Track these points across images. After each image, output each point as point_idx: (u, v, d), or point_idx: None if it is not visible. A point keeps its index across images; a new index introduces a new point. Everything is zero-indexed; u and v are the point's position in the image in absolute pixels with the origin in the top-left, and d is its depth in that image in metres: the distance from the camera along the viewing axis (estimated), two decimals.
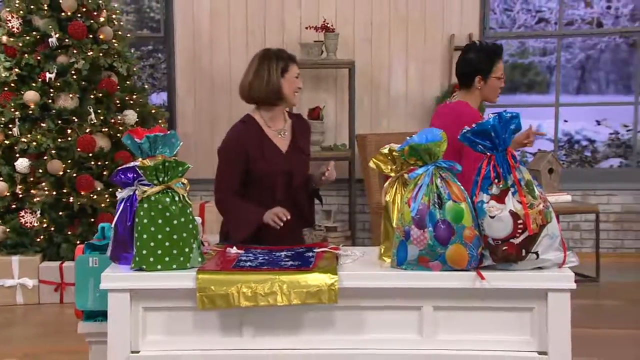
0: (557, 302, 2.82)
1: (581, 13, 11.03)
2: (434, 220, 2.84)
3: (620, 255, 7.63)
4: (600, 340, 5.38)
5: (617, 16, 10.90)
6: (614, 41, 12.04)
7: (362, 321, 2.90)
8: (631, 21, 10.54)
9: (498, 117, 2.89)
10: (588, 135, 11.65)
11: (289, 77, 3.94)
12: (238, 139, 3.98)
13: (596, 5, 11.01)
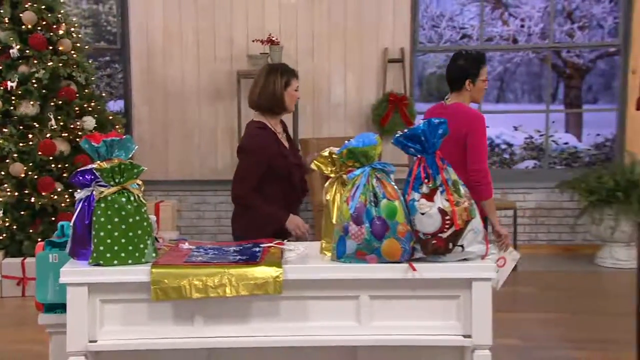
0: (480, 290, 2.84)
1: (499, 30, 11.21)
2: (370, 217, 2.84)
3: (535, 246, 7.76)
4: (518, 323, 5.46)
5: (530, 34, 11.12)
6: (528, 56, 12.27)
7: (304, 310, 2.88)
8: (541, 38, 10.72)
9: (427, 123, 2.91)
10: (506, 140, 11.84)
11: (290, 90, 4.20)
12: (262, 144, 4.15)
13: (512, 24, 11.21)
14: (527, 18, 11.14)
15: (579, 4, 10.96)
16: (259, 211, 4.15)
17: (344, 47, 7.91)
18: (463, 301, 2.86)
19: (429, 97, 12.58)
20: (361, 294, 2.87)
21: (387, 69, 7.81)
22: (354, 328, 2.87)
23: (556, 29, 10.28)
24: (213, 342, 2.87)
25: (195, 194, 8.01)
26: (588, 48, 12.59)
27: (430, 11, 11.20)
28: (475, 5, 11.02)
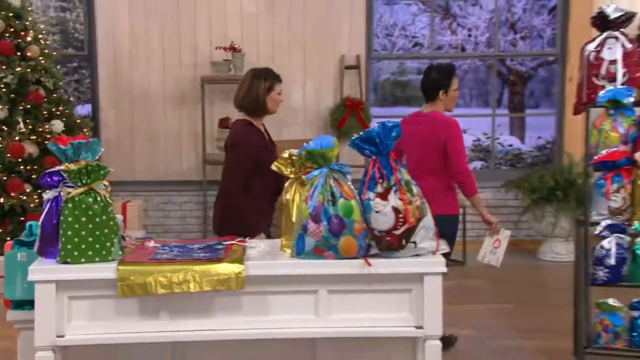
0: (431, 283, 2.85)
1: (448, 39, 11.31)
2: (328, 215, 2.83)
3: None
4: (467, 314, 5.51)
5: (477, 43, 11.23)
6: (475, 63, 12.39)
7: (266, 304, 2.86)
8: (487, 47, 10.84)
9: (382, 126, 2.91)
10: None
11: (272, 95, 4.30)
12: (249, 139, 4.21)
13: (460, 34, 11.31)
14: (474, 28, 11.26)
15: (521, 15, 11.11)
16: (240, 213, 4.13)
17: (303, 54, 7.90)
18: (415, 294, 2.86)
19: (384, 102, 12.65)
20: (320, 289, 2.85)
21: (344, 75, 7.81)
22: (313, 321, 2.86)
23: (501, 39, 10.39)
24: (178, 336, 2.83)
25: (161, 194, 7.94)
26: (529, 57, 12.76)
27: (384, 21, 11.25)
28: (426, 15, 11.10)
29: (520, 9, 11.07)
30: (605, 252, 4.23)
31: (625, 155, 4.27)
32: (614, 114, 4.30)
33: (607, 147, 4.31)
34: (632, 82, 4.33)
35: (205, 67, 7.69)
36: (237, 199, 4.19)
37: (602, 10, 4.42)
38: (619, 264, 4.21)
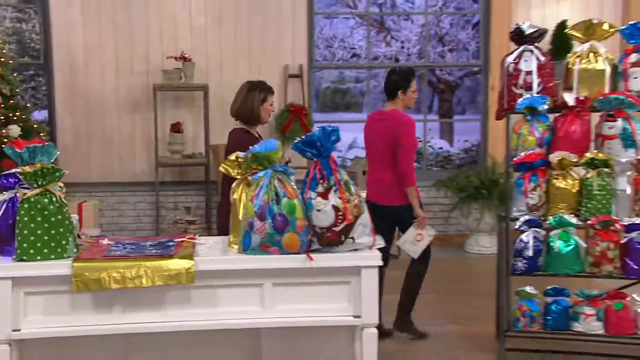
0: (368, 276, 2.86)
1: (383, 51, 11.38)
2: (273, 213, 2.82)
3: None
4: None
5: (409, 54, 11.34)
6: None
7: (214, 297, 2.84)
8: (418, 58, 10.96)
9: (322, 130, 2.91)
10: None
11: (266, 105, 4.36)
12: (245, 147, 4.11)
13: (394, 46, 11.40)
14: (406, 41, 11.36)
15: (448, 30, 11.27)
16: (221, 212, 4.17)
17: (249, 63, 7.85)
18: (354, 286, 2.87)
19: (325, 108, 12.67)
20: (265, 282, 2.84)
21: (287, 83, 7.80)
22: (258, 312, 2.85)
23: (430, 51, 10.51)
24: (130, 328, 2.79)
25: (116, 194, 7.80)
26: (456, 67, 12.94)
27: (325, 33, 11.27)
28: (363, 29, 11.16)
29: (448, 24, 11.22)
30: (523, 244, 4.31)
31: (540, 157, 4.35)
32: (531, 119, 4.38)
33: (525, 150, 4.39)
34: (546, 91, 4.41)
35: (157, 75, 7.58)
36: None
37: (518, 26, 4.50)
38: (535, 255, 4.30)
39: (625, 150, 4.24)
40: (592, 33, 4.39)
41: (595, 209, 4.24)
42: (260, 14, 7.79)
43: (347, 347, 2.99)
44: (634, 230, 4.17)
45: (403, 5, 11.34)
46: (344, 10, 11.24)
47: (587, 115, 4.35)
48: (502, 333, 4.39)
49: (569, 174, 4.31)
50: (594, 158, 4.24)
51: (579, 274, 4.30)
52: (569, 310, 4.34)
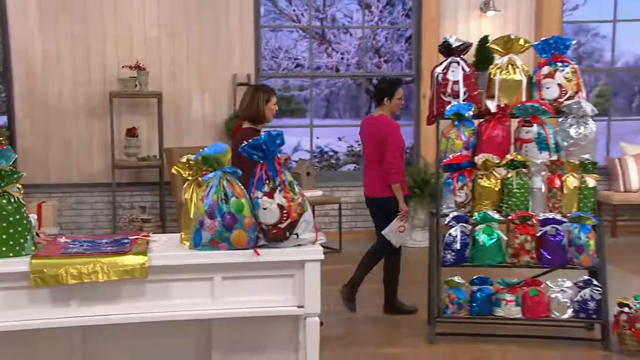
0: (311, 269, 2.86)
1: (325, 61, 11.40)
2: (222, 212, 2.80)
3: (355, 232, 7.92)
4: None
5: (348, 65, 11.38)
6: (347, 82, 12.57)
7: (167, 291, 2.79)
8: (357, 68, 11.02)
9: (267, 134, 2.90)
10: (333, 148, 12.03)
11: (270, 105, 4.39)
12: None
13: (334, 57, 11.43)
14: (346, 52, 11.41)
15: (383, 43, 11.37)
16: None
17: (200, 72, 7.78)
18: (298, 278, 2.87)
19: None
20: (215, 276, 2.82)
21: (236, 90, 7.75)
22: (208, 304, 2.82)
23: (368, 62, 10.57)
24: (87, 320, 2.73)
25: (74, 195, 7.62)
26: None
27: (270, 45, 11.23)
28: (306, 41, 11.16)
29: (383, 37, 11.32)
30: (452, 238, 4.39)
31: (467, 158, 4.44)
32: (458, 125, 4.46)
33: (453, 152, 4.47)
34: (471, 99, 4.50)
35: (113, 83, 7.44)
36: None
37: (446, 40, 4.57)
38: (462, 248, 4.38)
39: (540, 153, 4.36)
40: (510, 47, 4.49)
41: (515, 206, 4.34)
42: (210, 27, 7.73)
43: (291, 335, 2.99)
44: (547, 224, 4.29)
45: (342, 19, 11.40)
46: (288, 24, 11.23)
47: (507, 121, 4.45)
48: (433, 319, 4.46)
49: (492, 174, 4.41)
50: (513, 159, 4.34)
51: (501, 264, 4.40)
52: (492, 297, 4.43)
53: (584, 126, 4.31)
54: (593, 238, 4.26)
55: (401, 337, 4.55)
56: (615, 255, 6.01)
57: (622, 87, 13.15)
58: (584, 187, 4.32)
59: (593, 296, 4.26)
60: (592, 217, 4.27)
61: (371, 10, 10.73)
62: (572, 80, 4.39)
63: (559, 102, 4.39)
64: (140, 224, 7.15)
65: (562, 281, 4.37)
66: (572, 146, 4.33)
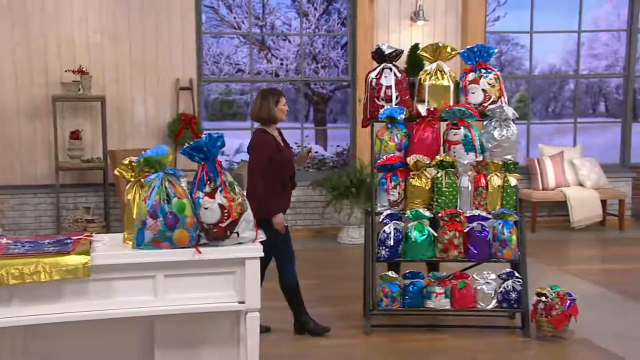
0: (251, 266, 2.84)
1: (265, 67, 11.37)
2: (164, 212, 2.75)
3: (295, 230, 7.91)
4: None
5: (287, 70, 11.38)
6: (287, 86, 12.57)
7: (110, 289, 2.73)
8: (296, 74, 11.03)
9: (208, 137, 2.87)
10: None
11: (280, 106, 4.38)
12: (267, 142, 4.34)
13: (274, 62, 11.41)
14: (285, 58, 11.40)
15: (320, 49, 11.42)
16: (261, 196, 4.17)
17: (143, 77, 7.62)
18: (238, 275, 2.85)
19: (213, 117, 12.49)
20: (157, 274, 2.77)
21: (179, 94, 7.63)
22: (151, 302, 2.77)
23: (306, 67, 10.60)
24: (28, 320, 2.64)
25: (17, 196, 7.35)
26: (328, 82, 13.12)
27: (212, 50, 11.12)
28: (246, 47, 11.10)
29: (320, 44, 11.37)
30: (386, 235, 4.43)
31: (399, 159, 4.49)
32: (391, 127, 4.51)
33: (387, 154, 4.51)
34: (403, 103, 4.55)
35: (57, 87, 7.21)
36: (257, 188, 4.26)
37: (379, 47, 4.61)
38: (396, 244, 4.43)
39: (467, 154, 4.45)
40: (438, 54, 4.57)
41: (444, 204, 4.41)
42: (152, 32, 7.59)
43: (232, 330, 2.97)
44: (474, 220, 4.38)
45: (281, 27, 11.37)
46: (229, 30, 11.13)
47: (436, 124, 4.53)
48: (368, 312, 4.49)
49: (423, 174, 4.47)
50: (442, 160, 4.42)
51: (431, 259, 4.47)
52: (423, 290, 4.49)
53: (507, 129, 4.41)
54: (515, 233, 4.37)
55: (338, 329, 4.56)
56: (535, 249, 6.21)
57: (540, 93, 13.59)
58: (507, 186, 4.43)
59: (515, 287, 4.38)
60: (514, 213, 4.39)
61: (309, 19, 10.76)
62: (495, 86, 4.49)
63: (484, 106, 4.49)
64: (85, 224, 6.96)
65: (487, 274, 4.47)
66: (495, 147, 4.43)
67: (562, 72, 12.12)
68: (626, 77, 8.83)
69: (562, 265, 6.35)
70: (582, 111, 9.23)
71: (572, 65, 9.91)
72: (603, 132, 10.81)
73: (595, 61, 11.79)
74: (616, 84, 11.82)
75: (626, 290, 5.44)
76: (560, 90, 13.70)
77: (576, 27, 8.81)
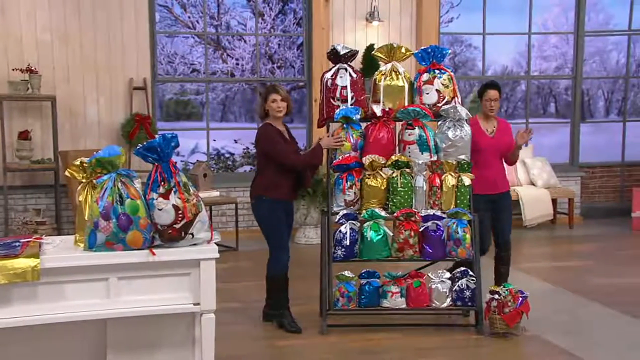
0: (206, 267, 2.83)
1: (221, 67, 11.29)
2: (117, 213, 2.72)
3: (251, 231, 7.84)
4: (239, 290, 5.52)
5: (243, 70, 11.33)
6: (242, 87, 12.50)
7: (61, 293, 2.68)
8: (252, 74, 11.00)
9: (162, 137, 2.84)
10: (229, 150, 11.93)
11: (269, 102, 4.47)
12: (273, 131, 4.47)
13: (230, 62, 11.35)
14: (240, 58, 11.34)
15: (276, 49, 11.40)
16: (308, 160, 4.54)
17: (95, 76, 7.49)
18: (193, 277, 2.83)
19: (168, 117, 12.36)
20: (110, 276, 2.73)
21: (133, 94, 7.52)
22: (104, 304, 2.73)
23: (262, 67, 10.57)
24: None
25: None
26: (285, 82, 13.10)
27: (166, 50, 10.99)
28: (201, 47, 11.01)
29: (276, 44, 11.35)
30: (342, 235, 4.45)
31: (355, 159, 4.52)
32: (347, 127, 4.53)
33: (342, 154, 4.54)
34: (358, 103, 4.58)
35: (3, 86, 7.02)
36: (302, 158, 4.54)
37: (334, 48, 4.63)
38: (352, 244, 4.45)
39: (422, 154, 4.50)
40: (393, 55, 4.61)
41: (400, 203, 4.46)
42: (105, 31, 7.46)
43: (188, 332, 2.94)
44: (429, 220, 4.44)
45: (237, 26, 11.31)
46: (184, 30, 11.03)
47: (391, 124, 4.57)
48: (325, 312, 4.51)
49: (379, 174, 4.50)
50: (398, 160, 4.46)
51: (387, 258, 4.51)
52: (379, 290, 4.53)
53: (460, 129, 4.49)
54: (469, 232, 4.44)
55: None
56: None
57: None
58: (461, 185, 4.50)
59: (469, 285, 4.45)
60: (467, 213, 4.46)
61: (264, 19, 10.73)
62: (448, 86, 4.56)
63: (438, 106, 4.55)
64: (35, 226, 6.79)
65: (441, 272, 4.53)
66: (449, 147, 4.50)
67: (514, 74, 12.39)
68: (574, 78, 9.09)
69: (515, 263, 6.45)
70: (533, 112, 9.44)
71: (523, 67, 10.14)
72: (553, 133, 11.09)
73: (545, 63, 12.09)
74: (565, 85, 12.14)
75: (576, 287, 5.59)
76: (512, 92, 14.00)
77: (527, 30, 9.02)
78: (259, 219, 4.58)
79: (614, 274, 6.12)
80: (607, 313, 4.93)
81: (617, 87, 13.62)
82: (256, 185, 4.57)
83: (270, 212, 4.49)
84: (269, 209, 4.49)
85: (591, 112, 14.11)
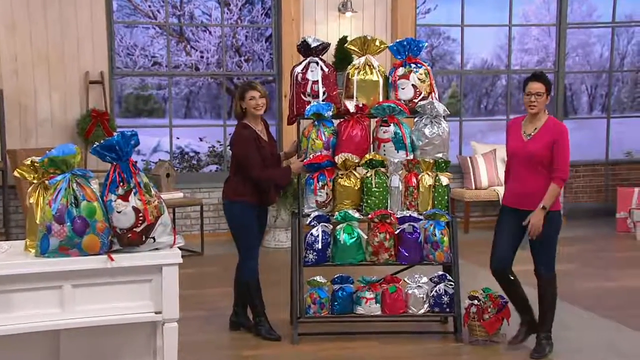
0: (169, 273, 2.82)
1: (184, 60, 11.23)
2: (72, 216, 2.69)
3: (217, 234, 7.86)
4: (204, 297, 5.51)
5: (208, 63, 11.28)
6: (207, 81, 12.45)
7: (10, 302, 2.65)
8: (217, 67, 10.96)
9: (121, 135, 2.82)
10: (194, 148, 11.86)
11: (247, 100, 4.47)
12: (249, 136, 4.46)
13: (194, 55, 11.29)
14: (206, 51, 11.29)
15: (244, 42, 11.37)
16: (273, 178, 4.54)
17: (47, 69, 7.40)
18: (155, 283, 2.82)
19: (128, 113, 12.25)
20: (64, 284, 2.71)
21: (89, 89, 7.44)
22: (57, 314, 2.70)
23: (228, 61, 10.53)
24: None
25: None
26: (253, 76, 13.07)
27: (125, 41, 10.88)
28: (163, 38, 10.93)
29: (243, 36, 11.32)
30: (314, 238, 4.46)
31: (327, 158, 4.53)
32: (318, 124, 4.54)
33: (314, 152, 4.54)
34: (330, 99, 4.59)
35: None
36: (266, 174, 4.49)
37: (305, 40, 4.64)
38: (324, 247, 4.46)
39: (397, 152, 4.53)
40: (367, 48, 4.64)
41: (374, 204, 4.48)
42: (56, 21, 7.37)
43: (149, 342, 2.93)
44: (405, 222, 4.47)
45: (201, 17, 11.26)
46: (144, 20, 10.94)
47: (365, 120, 4.59)
48: (295, 319, 4.51)
49: (352, 174, 4.52)
50: (372, 159, 4.49)
51: (361, 262, 4.52)
52: (353, 296, 4.55)
53: (438, 126, 4.53)
54: (447, 235, 4.49)
55: (264, 339, 4.56)
56: (468, 250, 6.39)
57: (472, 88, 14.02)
58: (438, 185, 4.54)
59: (447, 290, 4.50)
60: (446, 214, 4.51)
61: (230, 9, 10.70)
62: (425, 81, 4.60)
63: (414, 102, 4.58)
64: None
65: (418, 277, 4.57)
66: (426, 145, 4.53)
67: (494, 68, 12.55)
68: (556, 72, 9.24)
69: None
70: (514, 107, 9.56)
71: (503, 60, 10.27)
72: None
73: (526, 56, 12.26)
74: None
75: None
76: (493, 86, 14.17)
77: (507, 21, 9.14)
78: (230, 220, 4.59)
79: (598, 277, 6.24)
80: (590, 317, 5.02)
81: (601, 82, 13.87)
82: (229, 188, 4.57)
83: (242, 213, 4.49)
84: (241, 210, 4.49)
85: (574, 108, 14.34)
